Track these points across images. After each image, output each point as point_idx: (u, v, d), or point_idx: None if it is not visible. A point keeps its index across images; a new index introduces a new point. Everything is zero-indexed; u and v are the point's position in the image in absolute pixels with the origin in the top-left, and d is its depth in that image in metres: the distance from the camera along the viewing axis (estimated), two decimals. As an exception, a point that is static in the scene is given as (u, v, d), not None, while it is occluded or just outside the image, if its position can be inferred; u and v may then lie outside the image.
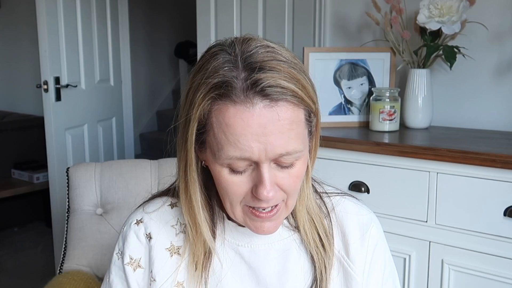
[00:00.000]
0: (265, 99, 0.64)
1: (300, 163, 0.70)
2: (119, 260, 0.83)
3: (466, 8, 1.59)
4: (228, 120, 0.65)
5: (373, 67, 1.81)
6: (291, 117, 0.66)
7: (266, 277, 0.79)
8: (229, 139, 0.65)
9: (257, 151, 0.65)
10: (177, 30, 4.64)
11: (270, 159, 0.67)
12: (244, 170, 0.68)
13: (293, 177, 0.70)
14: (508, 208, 1.33)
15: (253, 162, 0.67)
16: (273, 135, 0.65)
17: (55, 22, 2.67)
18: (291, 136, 0.66)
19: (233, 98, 0.64)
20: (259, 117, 0.64)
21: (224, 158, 0.67)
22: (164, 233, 0.80)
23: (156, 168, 1.60)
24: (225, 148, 0.66)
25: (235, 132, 0.65)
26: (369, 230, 0.82)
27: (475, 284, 1.40)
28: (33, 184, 3.46)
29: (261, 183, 0.67)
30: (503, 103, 1.73)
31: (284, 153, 0.66)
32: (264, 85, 0.64)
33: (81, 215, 1.56)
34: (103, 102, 3.17)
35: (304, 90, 0.67)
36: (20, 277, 2.86)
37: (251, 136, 0.64)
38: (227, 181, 0.69)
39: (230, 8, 2.31)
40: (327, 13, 2.08)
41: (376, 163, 1.52)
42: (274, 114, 0.64)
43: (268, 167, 0.67)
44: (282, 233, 0.80)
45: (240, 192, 0.70)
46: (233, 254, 0.79)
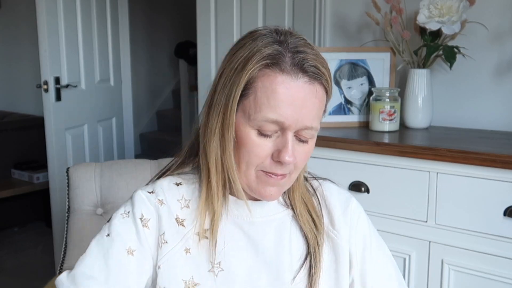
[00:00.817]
0: (306, 76, 0.75)
1: (312, 141, 0.80)
2: (124, 218, 0.82)
3: (466, 8, 1.59)
4: (275, 86, 0.74)
5: (373, 67, 1.81)
6: (322, 97, 0.78)
7: (264, 248, 0.84)
8: (270, 102, 0.74)
9: (291, 118, 0.75)
10: (177, 30, 4.64)
11: (296, 129, 0.76)
12: (271, 134, 0.76)
13: (306, 151, 0.80)
14: (508, 208, 1.33)
15: (282, 128, 0.76)
16: (308, 109, 0.75)
17: (55, 22, 2.67)
18: (317, 114, 0.78)
19: (282, 67, 0.74)
20: (301, 89, 0.75)
21: (259, 120, 0.75)
22: (172, 204, 0.84)
23: (156, 168, 1.60)
24: (264, 111, 0.75)
25: (278, 98, 0.74)
26: (349, 205, 0.91)
27: (475, 284, 1.40)
28: (33, 184, 3.46)
29: (285, 148, 0.76)
30: (503, 103, 1.73)
31: (310, 126, 0.77)
32: (309, 64, 0.75)
33: (81, 215, 1.55)
34: (103, 102, 3.17)
35: (330, 79, 0.79)
36: (20, 277, 2.86)
37: (290, 105, 0.74)
38: (253, 143, 0.77)
39: (230, 8, 2.31)
40: (327, 13, 2.08)
41: (376, 163, 1.52)
42: (313, 90, 0.76)
43: (292, 137, 0.77)
44: (276, 207, 0.87)
45: (263, 155, 0.77)
46: (233, 226, 0.84)
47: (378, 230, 0.95)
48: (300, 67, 0.75)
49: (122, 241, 0.80)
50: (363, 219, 0.92)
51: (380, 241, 0.94)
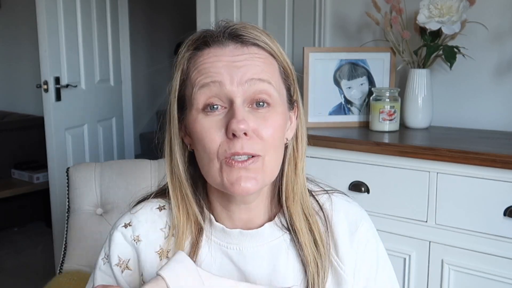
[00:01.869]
0: (237, 41, 0.71)
1: (276, 114, 0.72)
2: (105, 264, 0.80)
3: (466, 8, 1.59)
4: (201, 59, 0.71)
5: (373, 67, 1.81)
6: (264, 57, 0.72)
7: (255, 280, 0.77)
8: (201, 72, 0.70)
9: (228, 76, 0.69)
10: (177, 30, 4.64)
11: (243, 91, 0.69)
12: (219, 108, 0.70)
13: (267, 124, 0.71)
14: (508, 208, 1.33)
15: (226, 99, 0.69)
16: (243, 64, 0.70)
17: (55, 22, 2.67)
18: (264, 68, 0.71)
19: (207, 43, 0.71)
20: (230, 53, 0.70)
21: (198, 94, 0.70)
22: (153, 236, 0.79)
23: (156, 168, 1.60)
24: (198, 84, 0.70)
25: (206, 65, 0.70)
26: (358, 229, 0.80)
27: (475, 284, 1.40)
28: (33, 184, 3.46)
29: (232, 117, 0.68)
30: (503, 103, 1.73)
31: (256, 78, 0.70)
32: (237, 30, 0.71)
33: (81, 215, 1.56)
34: (103, 102, 3.17)
35: (278, 51, 0.73)
36: (20, 277, 2.86)
37: (222, 65, 0.70)
38: (203, 127, 0.70)
39: (230, 8, 2.31)
40: (327, 13, 2.08)
41: (376, 163, 1.52)
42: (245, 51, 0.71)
43: (241, 105, 0.70)
44: (272, 233, 0.78)
45: (215, 137, 0.70)
46: (222, 256, 0.78)
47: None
48: (228, 36, 0.71)
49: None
50: (372, 245, 0.81)
51: (386, 269, 0.84)
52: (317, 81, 1.79)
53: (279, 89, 0.73)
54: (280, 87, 0.74)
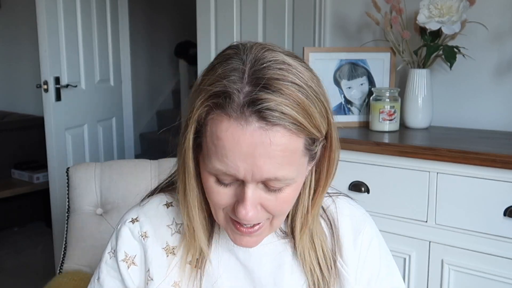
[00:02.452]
0: (261, 120, 0.61)
1: (290, 189, 0.67)
2: (111, 259, 0.81)
3: (466, 8, 1.59)
4: (219, 133, 0.63)
5: (373, 67, 1.81)
6: (286, 144, 0.62)
7: (261, 278, 0.78)
8: (217, 152, 0.63)
9: (243, 171, 0.63)
10: (177, 30, 4.64)
11: (257, 181, 0.65)
12: (229, 184, 0.66)
13: (280, 201, 0.67)
14: (508, 208, 1.33)
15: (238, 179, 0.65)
16: (262, 159, 0.62)
17: (55, 22, 2.67)
18: (282, 163, 0.63)
19: (228, 111, 0.61)
20: (250, 138, 0.61)
21: (211, 168, 0.65)
22: (160, 232, 0.80)
23: (156, 168, 1.60)
24: (213, 160, 0.64)
25: (224, 147, 0.62)
26: (361, 232, 0.81)
27: (475, 284, 1.40)
28: (33, 184, 3.46)
29: (242, 202, 0.65)
30: (503, 103, 1.73)
31: (273, 178, 0.64)
32: (263, 107, 0.60)
33: (81, 215, 1.56)
34: (103, 102, 3.17)
35: (308, 119, 0.63)
36: (20, 277, 2.86)
37: (239, 155, 0.62)
38: (212, 190, 0.68)
39: (230, 8, 2.31)
40: (327, 13, 2.08)
41: (376, 163, 1.52)
42: (266, 138, 0.61)
43: (254, 187, 0.65)
44: (277, 232, 0.80)
45: (223, 203, 0.68)
46: (228, 254, 0.79)
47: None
48: (252, 111, 0.61)
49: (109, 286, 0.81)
50: (375, 247, 0.82)
51: (390, 269, 0.85)
52: (317, 81, 1.79)
53: (298, 169, 0.67)
54: (299, 165, 0.67)
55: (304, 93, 0.63)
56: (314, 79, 0.67)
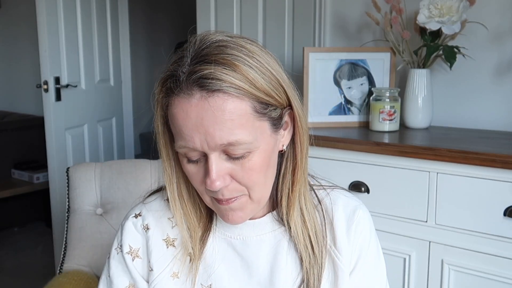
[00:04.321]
0: (202, 90, 0.66)
1: (255, 156, 0.70)
2: (118, 254, 0.84)
3: (466, 8, 1.59)
4: (173, 110, 0.69)
5: (373, 67, 1.81)
6: (230, 108, 0.66)
7: (258, 268, 0.80)
8: (176, 129, 0.69)
9: (198, 141, 0.67)
10: (177, 30, 4.65)
11: (216, 150, 0.68)
12: (198, 160, 0.71)
13: (246, 169, 0.70)
14: (508, 208, 1.33)
15: (201, 152, 0.69)
16: (212, 127, 0.66)
17: (55, 22, 2.67)
18: (232, 127, 0.67)
19: (175, 90, 0.68)
20: (196, 108, 0.66)
21: (178, 148, 0.70)
22: (161, 225, 0.82)
23: (156, 168, 1.60)
24: (176, 139, 0.70)
25: (178, 123, 0.68)
26: (354, 220, 0.82)
27: (475, 284, 1.40)
28: (33, 184, 3.46)
29: (207, 173, 0.69)
30: (503, 103, 1.73)
31: (226, 143, 0.67)
32: (200, 76, 0.66)
33: (81, 215, 1.56)
34: (103, 102, 3.17)
35: (249, 82, 0.67)
36: (20, 277, 2.86)
37: (191, 127, 0.67)
38: (187, 170, 0.73)
39: (230, 8, 2.31)
40: (327, 13, 2.08)
41: (376, 163, 1.52)
42: (209, 105, 0.66)
43: (216, 157, 0.69)
44: (273, 223, 0.81)
45: (199, 181, 0.72)
46: (225, 246, 0.81)
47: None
48: (192, 83, 0.66)
49: (119, 281, 0.84)
50: (365, 235, 0.83)
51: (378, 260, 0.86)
52: (317, 81, 1.79)
53: (254, 133, 0.69)
54: (255, 129, 0.69)
55: (242, 61, 0.67)
56: (258, 51, 0.70)
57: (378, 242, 0.87)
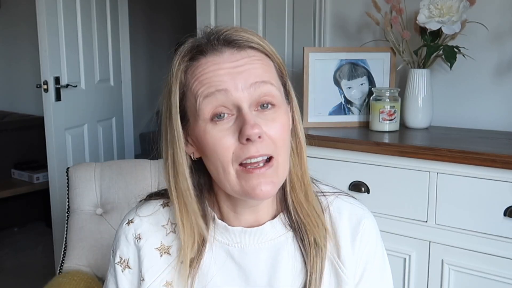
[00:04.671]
0: (232, 46, 0.71)
1: (281, 113, 0.73)
2: (112, 258, 0.85)
3: (466, 8, 1.59)
4: (200, 69, 0.71)
5: (373, 67, 1.81)
6: (260, 58, 0.72)
7: (256, 277, 0.78)
8: (203, 83, 0.70)
9: (232, 83, 0.69)
10: (177, 30, 4.64)
11: (248, 96, 0.69)
12: (226, 116, 0.70)
13: (276, 124, 0.71)
14: (508, 208, 1.33)
15: (233, 106, 0.69)
16: (245, 70, 0.70)
17: (55, 22, 2.67)
18: (264, 70, 0.72)
19: (204, 51, 0.71)
20: (228, 59, 0.70)
21: (204, 104, 0.70)
22: (154, 233, 0.81)
23: (156, 168, 1.60)
24: (202, 94, 0.70)
25: (208, 75, 0.70)
26: (360, 231, 0.80)
27: (475, 284, 1.40)
28: (33, 184, 3.46)
29: (244, 122, 0.68)
30: (503, 103, 1.73)
31: (259, 80, 0.70)
32: (230, 36, 0.71)
33: (81, 215, 1.56)
34: (103, 102, 3.17)
35: (270, 49, 0.74)
36: (20, 277, 2.86)
37: (224, 72, 0.69)
38: (213, 137, 0.70)
39: (230, 8, 2.31)
40: (327, 13, 2.08)
41: (376, 163, 1.52)
42: (242, 55, 0.71)
43: (249, 110, 0.70)
44: (274, 231, 0.79)
45: (228, 144, 0.70)
46: (223, 254, 0.79)
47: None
48: (223, 42, 0.71)
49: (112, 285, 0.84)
50: (371, 246, 0.81)
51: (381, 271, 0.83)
52: (317, 81, 1.79)
53: (279, 88, 0.74)
54: (279, 86, 0.74)
55: (265, 40, 0.75)
56: None
57: (384, 252, 0.84)
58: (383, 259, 0.84)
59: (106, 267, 0.91)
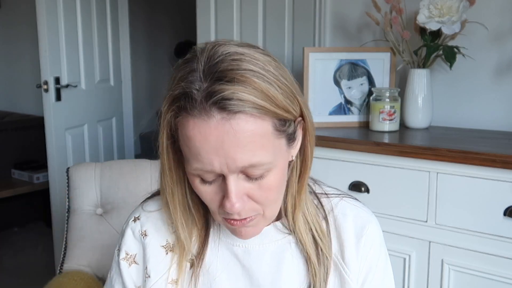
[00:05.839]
0: (222, 111, 0.62)
1: (272, 174, 0.68)
2: (117, 256, 0.84)
3: (466, 8, 1.59)
4: (188, 132, 0.65)
5: (373, 67, 1.81)
6: (252, 129, 0.63)
7: (259, 277, 0.78)
8: (191, 151, 0.66)
9: (218, 164, 0.64)
10: (177, 30, 4.64)
11: (235, 172, 0.66)
12: (213, 180, 0.68)
13: (265, 188, 0.68)
14: (508, 208, 1.33)
15: (219, 174, 0.66)
16: (233, 149, 0.63)
17: (55, 22, 2.67)
18: (254, 149, 0.64)
19: (191, 110, 0.63)
20: (216, 130, 0.63)
21: (191, 169, 0.68)
22: (160, 230, 0.81)
23: (156, 168, 1.60)
24: (190, 161, 0.67)
25: (194, 146, 0.64)
26: (364, 234, 0.80)
27: (475, 284, 1.40)
28: (33, 184, 3.46)
29: (226, 195, 0.67)
30: (503, 103, 1.73)
31: (247, 165, 0.65)
32: (220, 97, 0.62)
33: (81, 215, 1.56)
34: (103, 102, 3.16)
35: (270, 101, 0.64)
36: (20, 277, 2.86)
37: (210, 150, 0.64)
38: (199, 190, 0.70)
39: (230, 8, 2.31)
40: (327, 13, 2.08)
41: (376, 163, 1.52)
42: (230, 127, 0.62)
43: (235, 179, 0.66)
44: (277, 232, 0.80)
45: (213, 201, 0.70)
46: (228, 253, 0.80)
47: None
48: (212, 104, 0.62)
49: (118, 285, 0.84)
50: (375, 250, 0.81)
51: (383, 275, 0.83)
52: (317, 81, 1.79)
53: (273, 152, 0.67)
54: (275, 148, 0.67)
55: (261, 77, 0.64)
56: (272, 62, 0.67)
57: (387, 255, 0.84)
58: (386, 263, 0.84)
59: (106, 267, 0.91)
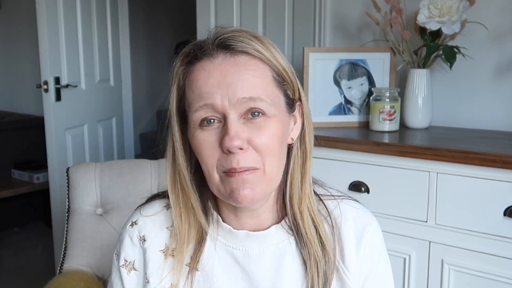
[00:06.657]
0: (226, 51, 0.70)
1: (272, 122, 0.71)
2: (116, 261, 0.84)
3: (466, 8, 1.59)
4: (194, 75, 0.71)
5: (373, 67, 1.81)
6: (254, 68, 0.70)
7: (259, 280, 0.78)
8: (194, 91, 0.70)
9: (219, 97, 0.68)
10: (177, 30, 4.64)
11: (235, 108, 0.69)
12: (215, 122, 0.70)
13: (264, 134, 0.70)
14: (508, 208, 1.33)
15: (220, 114, 0.69)
16: (234, 81, 0.68)
17: (55, 22, 2.67)
18: (254, 83, 0.69)
19: (198, 55, 0.71)
20: (220, 66, 0.69)
21: (193, 112, 0.70)
22: (159, 235, 0.81)
23: (156, 168, 1.60)
24: (193, 103, 0.70)
25: (198, 84, 0.70)
26: (364, 236, 0.80)
27: (475, 284, 1.40)
28: (33, 184, 3.46)
29: (225, 133, 0.68)
30: (503, 103, 1.73)
31: (247, 96, 0.68)
32: (226, 38, 0.70)
33: (81, 215, 1.56)
34: (103, 102, 3.17)
35: (270, 53, 0.72)
36: (20, 277, 2.86)
37: (213, 84, 0.69)
38: (200, 142, 0.71)
39: (230, 8, 2.31)
40: (327, 13, 2.08)
41: (376, 163, 1.52)
42: (234, 63, 0.69)
43: (235, 119, 0.69)
44: (278, 235, 0.79)
45: (213, 152, 0.70)
46: (228, 257, 0.79)
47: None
48: (217, 46, 0.71)
49: None
50: (375, 252, 0.81)
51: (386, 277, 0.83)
52: (317, 81, 1.79)
53: (273, 98, 0.72)
54: (274, 96, 0.72)
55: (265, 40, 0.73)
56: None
57: (387, 257, 0.84)
58: (386, 264, 0.84)
59: (106, 267, 0.91)
